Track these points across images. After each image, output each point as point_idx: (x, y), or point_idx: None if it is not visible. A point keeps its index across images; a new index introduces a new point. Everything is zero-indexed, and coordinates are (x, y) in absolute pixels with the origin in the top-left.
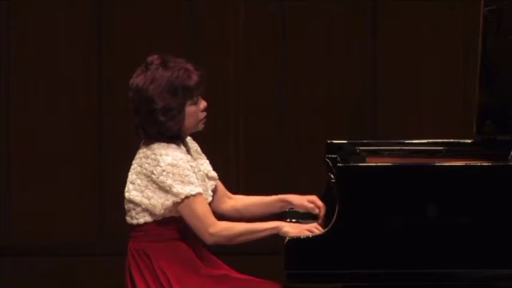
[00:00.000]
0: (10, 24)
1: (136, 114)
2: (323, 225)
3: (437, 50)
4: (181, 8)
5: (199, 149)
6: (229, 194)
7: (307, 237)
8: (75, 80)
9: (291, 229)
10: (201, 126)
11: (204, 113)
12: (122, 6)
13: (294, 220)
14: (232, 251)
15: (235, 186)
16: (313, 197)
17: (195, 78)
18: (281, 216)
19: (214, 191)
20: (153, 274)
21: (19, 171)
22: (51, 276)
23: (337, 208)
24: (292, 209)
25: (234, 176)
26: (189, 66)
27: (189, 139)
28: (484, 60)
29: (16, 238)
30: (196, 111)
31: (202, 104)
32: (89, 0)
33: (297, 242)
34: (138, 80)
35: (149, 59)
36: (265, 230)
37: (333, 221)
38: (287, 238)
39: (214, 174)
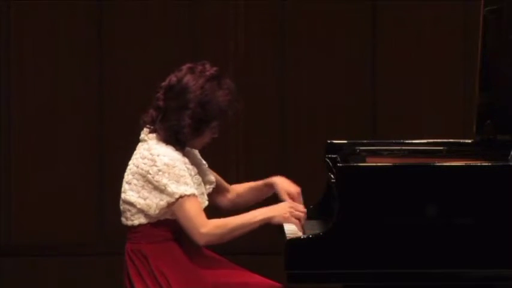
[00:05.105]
0: (11, 28)
1: (165, 102)
2: (323, 225)
3: (437, 49)
4: (181, 10)
5: (198, 155)
6: (228, 187)
7: (307, 237)
8: (75, 80)
9: (282, 218)
10: (199, 148)
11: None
12: (122, 8)
13: None
14: (232, 251)
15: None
16: (297, 191)
17: (233, 111)
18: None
19: (216, 187)
20: (151, 275)
21: (19, 171)
22: (51, 276)
23: (337, 208)
24: None
25: (234, 175)
26: (236, 97)
27: None
28: (484, 60)
29: (16, 238)
30: (209, 137)
31: (216, 134)
32: (90, 4)
33: (297, 242)
34: (189, 78)
35: (207, 66)
36: (256, 222)
37: (333, 221)
38: (287, 238)
39: (211, 178)
